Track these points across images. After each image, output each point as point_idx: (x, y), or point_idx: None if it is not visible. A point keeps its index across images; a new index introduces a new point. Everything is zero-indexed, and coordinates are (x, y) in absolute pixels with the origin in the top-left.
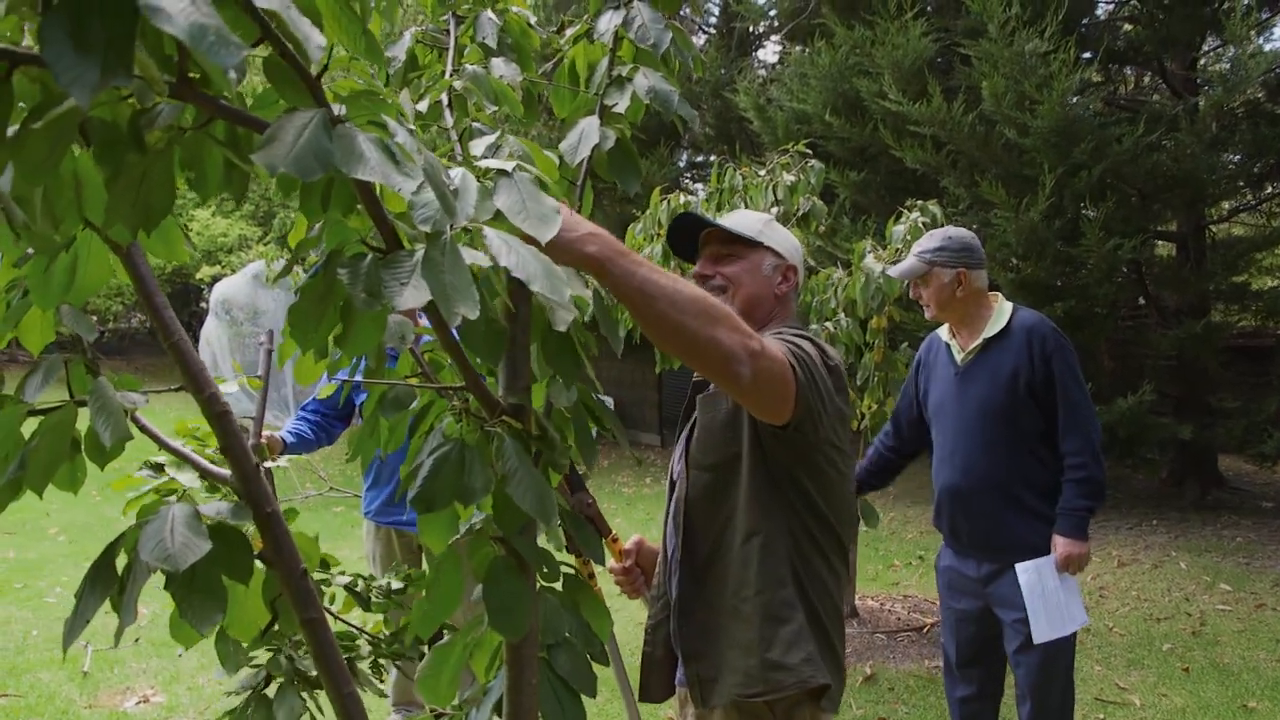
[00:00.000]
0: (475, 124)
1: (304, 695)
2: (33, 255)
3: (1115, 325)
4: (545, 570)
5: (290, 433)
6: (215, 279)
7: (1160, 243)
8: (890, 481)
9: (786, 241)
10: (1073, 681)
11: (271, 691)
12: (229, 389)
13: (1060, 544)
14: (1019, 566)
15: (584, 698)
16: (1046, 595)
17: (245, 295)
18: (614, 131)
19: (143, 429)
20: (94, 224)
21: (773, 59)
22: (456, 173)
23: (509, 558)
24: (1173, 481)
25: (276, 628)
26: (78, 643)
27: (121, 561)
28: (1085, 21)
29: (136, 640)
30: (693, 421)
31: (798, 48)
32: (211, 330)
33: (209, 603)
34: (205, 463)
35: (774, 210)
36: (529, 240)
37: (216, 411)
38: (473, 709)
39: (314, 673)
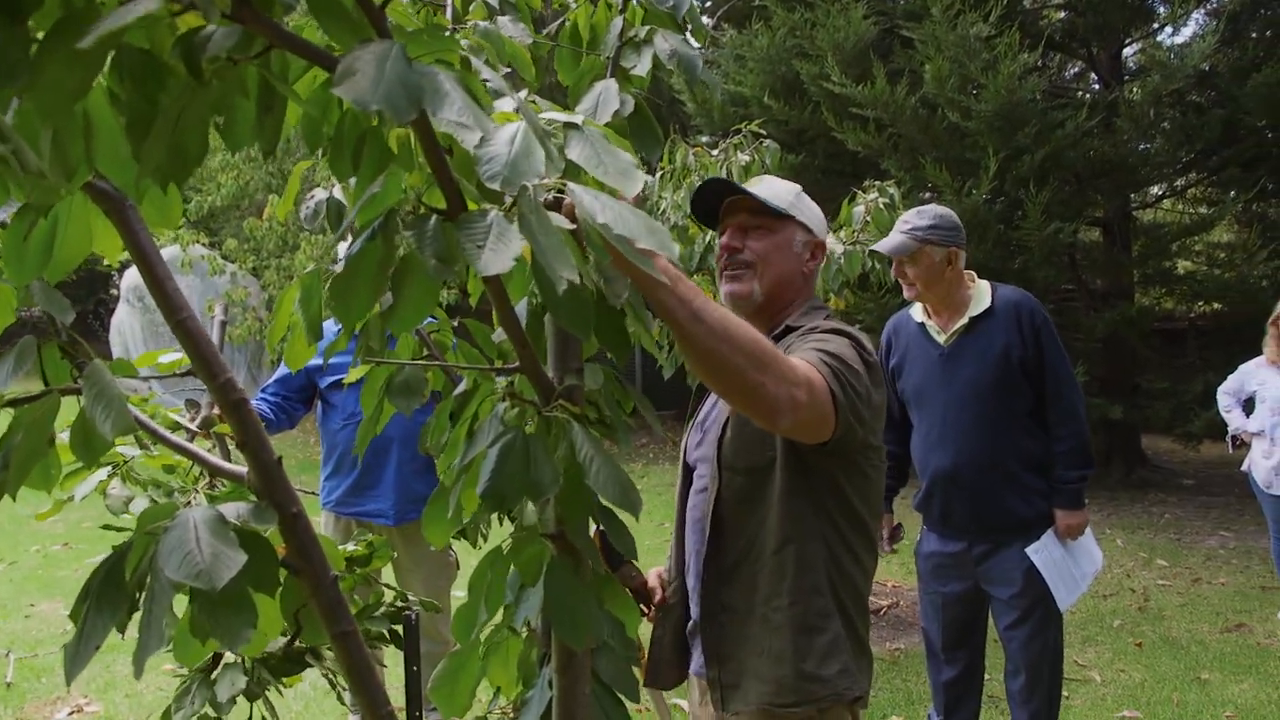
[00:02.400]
0: (488, 82)
1: (259, 674)
2: (6, 220)
3: (1047, 308)
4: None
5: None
6: (125, 265)
7: (1084, 228)
8: (906, 478)
9: (816, 215)
10: (1061, 654)
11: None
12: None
13: (1060, 517)
14: (1029, 551)
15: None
16: (1058, 566)
17: None
18: (631, 96)
19: (139, 422)
20: (104, 175)
21: (696, 44)
22: (511, 127)
23: (566, 558)
24: (1100, 460)
25: (299, 643)
26: None
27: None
28: (1022, 6)
29: (64, 647)
30: (710, 408)
31: (733, 30)
32: (124, 318)
33: (238, 618)
34: (216, 460)
35: None
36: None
37: (232, 400)
38: None
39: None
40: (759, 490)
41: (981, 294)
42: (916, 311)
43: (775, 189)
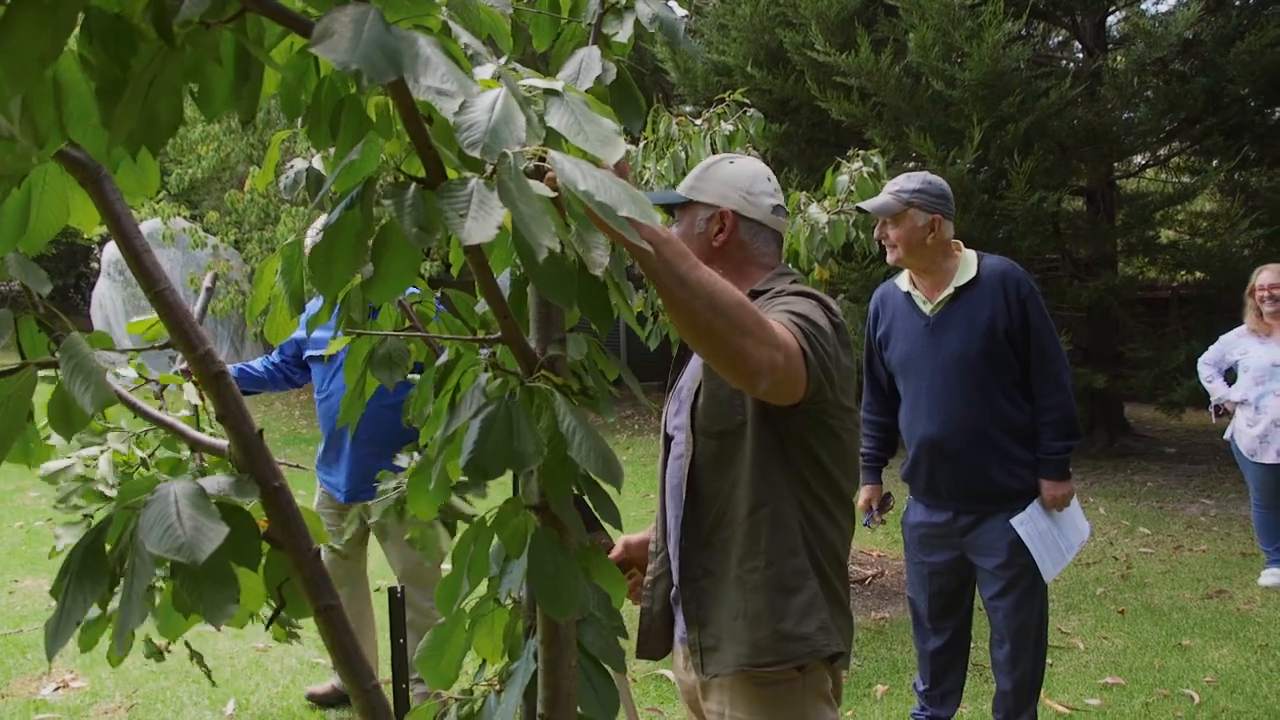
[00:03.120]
0: (468, 48)
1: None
2: None
3: (1031, 277)
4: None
5: (236, 367)
6: (106, 238)
7: (1068, 197)
8: (895, 449)
9: (722, 184)
10: (1046, 623)
11: None
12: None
13: (1046, 488)
14: (1014, 522)
15: None
16: (1043, 538)
17: None
18: (613, 64)
19: (118, 394)
20: (74, 145)
21: (683, 10)
22: (491, 93)
23: (550, 530)
24: (1082, 429)
25: (284, 614)
26: None
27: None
28: None
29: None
30: (688, 377)
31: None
32: (105, 292)
33: (221, 592)
34: (195, 432)
35: None
36: None
37: (212, 372)
38: (490, 694)
39: None
40: (731, 453)
41: (967, 263)
42: (903, 281)
43: (687, 180)
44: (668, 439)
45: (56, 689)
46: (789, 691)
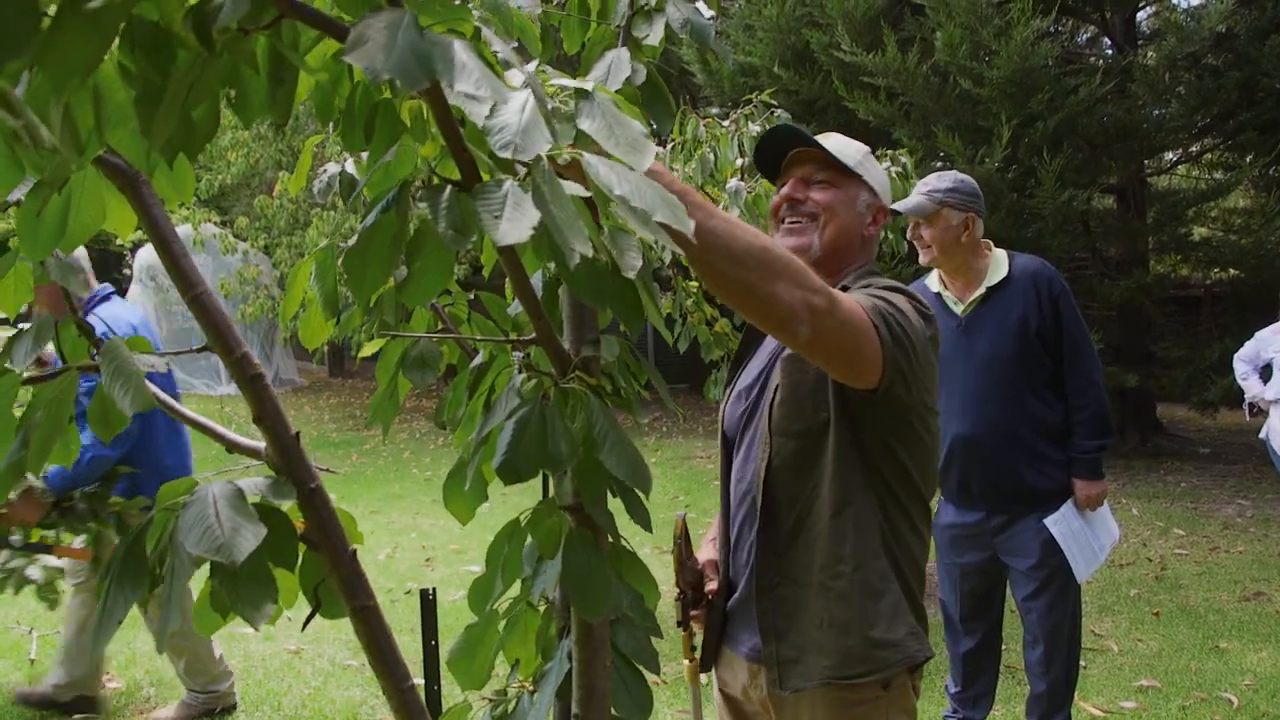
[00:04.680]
0: (499, 54)
1: None
2: (21, 198)
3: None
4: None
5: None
6: (138, 244)
7: (1098, 195)
8: None
9: (882, 179)
10: (1080, 624)
11: None
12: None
13: (1080, 487)
14: (1048, 522)
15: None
16: (1076, 538)
17: None
18: (643, 65)
19: (156, 397)
20: (112, 151)
21: (710, 11)
22: (520, 96)
23: (584, 531)
24: (1115, 429)
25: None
26: (19, 628)
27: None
28: None
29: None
30: (756, 376)
31: (741, 1)
32: (137, 298)
33: (259, 591)
34: (232, 434)
35: (740, 162)
36: None
37: (249, 375)
38: (524, 695)
39: None
40: (812, 455)
41: (999, 263)
42: (933, 281)
43: (843, 146)
44: (729, 441)
45: None
46: (874, 709)
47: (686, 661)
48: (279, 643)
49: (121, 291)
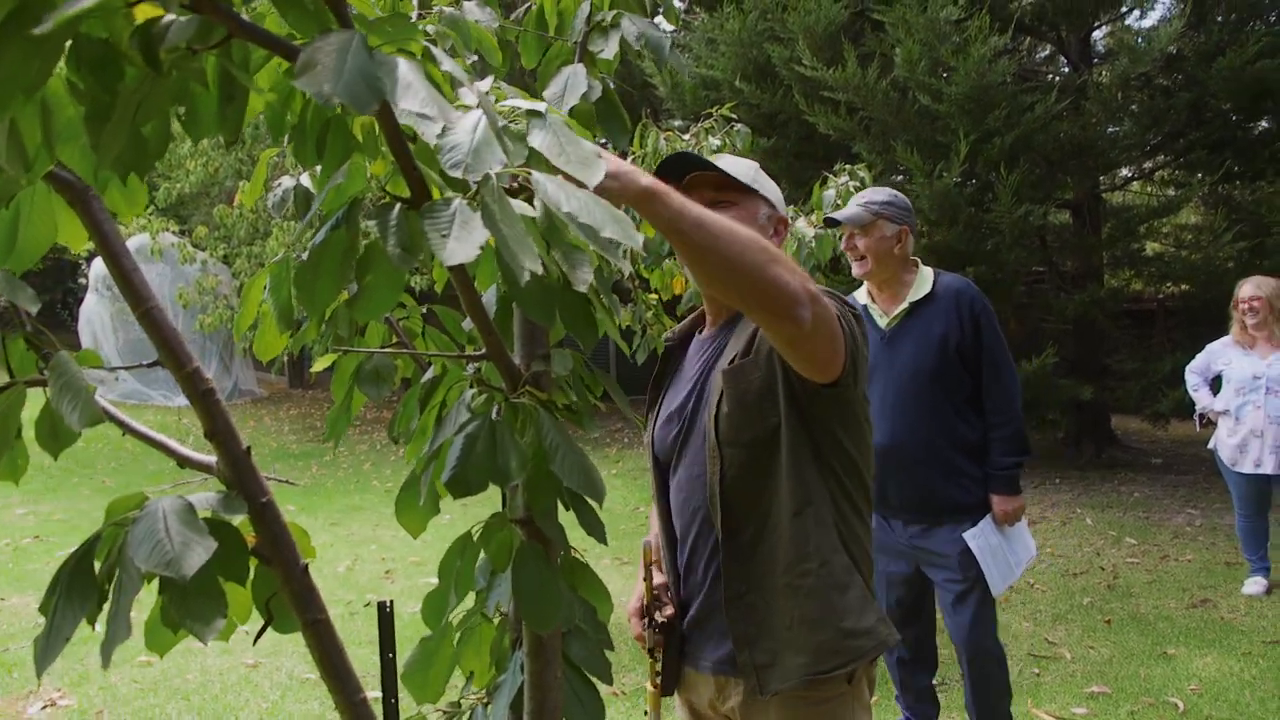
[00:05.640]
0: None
1: None
2: None
3: (1018, 290)
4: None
5: None
6: (94, 254)
7: (1054, 210)
8: None
9: (775, 191)
10: (996, 629)
11: None
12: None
13: (997, 503)
14: (966, 536)
15: None
16: (994, 552)
17: None
18: (599, 81)
19: (105, 412)
20: (63, 167)
21: (670, 26)
22: (472, 116)
23: (534, 543)
24: (1069, 441)
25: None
26: None
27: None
28: None
29: (36, 640)
30: (686, 396)
31: (704, 13)
32: (92, 308)
33: (209, 606)
34: (183, 449)
35: None
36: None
37: (200, 390)
38: (477, 707)
39: None
40: (766, 459)
41: (924, 279)
42: (862, 294)
43: (735, 165)
44: (663, 466)
45: (44, 707)
46: (839, 707)
47: (650, 688)
48: (236, 656)
49: (77, 301)
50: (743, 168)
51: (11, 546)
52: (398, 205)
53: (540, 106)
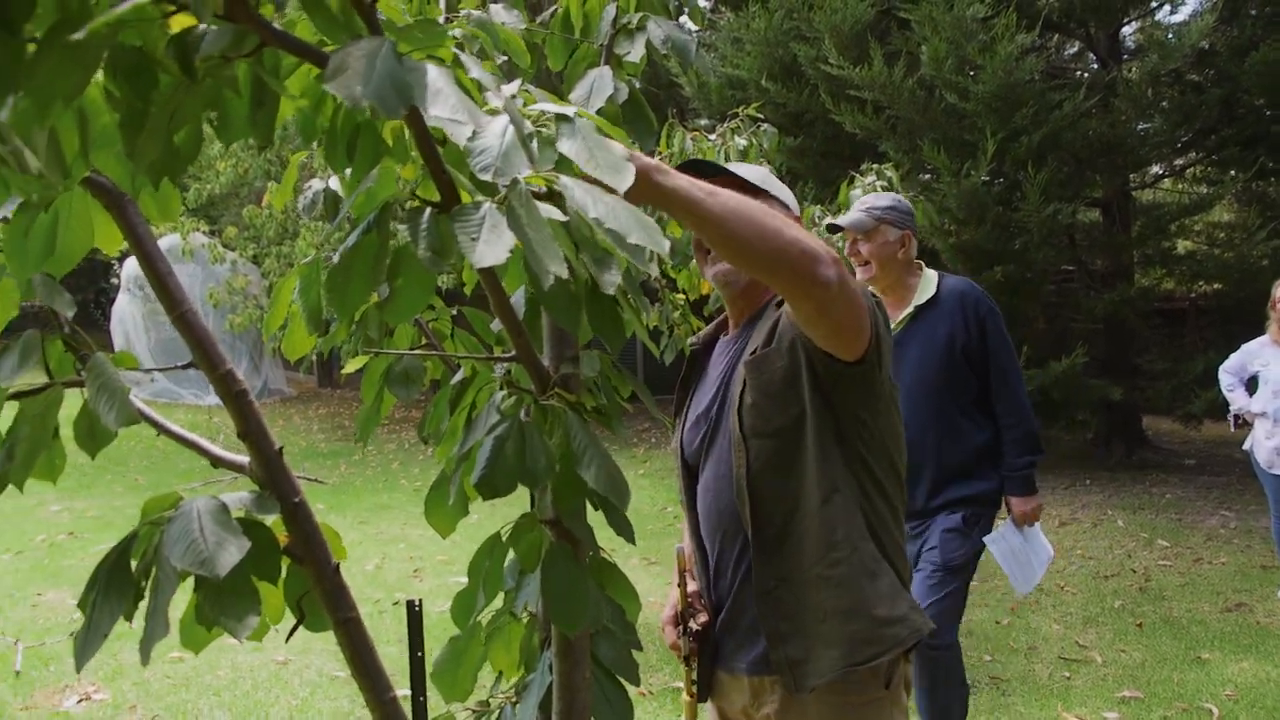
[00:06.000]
0: (477, 78)
1: None
2: (8, 216)
3: (1046, 289)
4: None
5: None
6: (126, 254)
7: (1083, 209)
8: None
9: (788, 194)
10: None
11: None
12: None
13: (1015, 504)
14: (987, 540)
15: None
16: (1016, 553)
17: None
18: (625, 83)
19: (140, 412)
20: (99, 173)
21: (696, 26)
22: (501, 120)
23: (564, 544)
24: (1099, 442)
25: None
26: (4, 639)
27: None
28: None
29: (72, 635)
30: (712, 397)
31: (730, 13)
32: (125, 308)
33: (243, 604)
34: (216, 449)
35: None
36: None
37: (233, 391)
38: (506, 706)
39: None
40: (791, 449)
41: (927, 283)
42: None
43: (745, 169)
44: (691, 469)
45: (79, 701)
46: (876, 712)
47: (686, 697)
48: (267, 654)
49: (110, 301)
50: (753, 172)
51: (47, 542)
52: (428, 209)
53: (570, 110)
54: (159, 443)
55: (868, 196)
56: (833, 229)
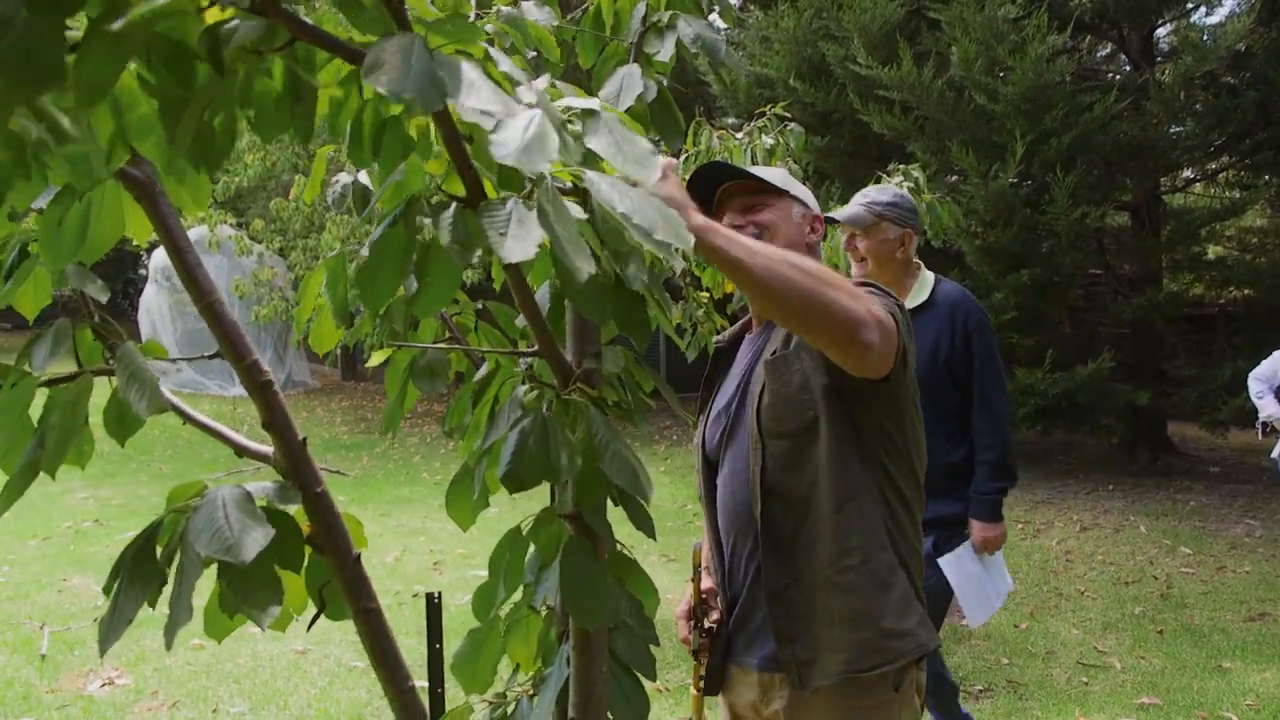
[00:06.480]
0: (507, 72)
1: None
2: (43, 207)
3: (1073, 293)
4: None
5: None
6: (154, 245)
7: (1112, 212)
8: None
9: (808, 193)
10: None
11: None
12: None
13: (976, 529)
14: (941, 561)
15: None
16: (971, 580)
17: None
18: (654, 82)
19: (168, 401)
20: (139, 160)
21: (724, 24)
22: (527, 113)
23: (582, 539)
24: (1124, 447)
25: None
26: (31, 624)
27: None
28: None
29: (96, 620)
30: (733, 393)
31: (759, 11)
32: (151, 299)
33: (266, 592)
34: (241, 438)
35: None
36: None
37: (259, 381)
38: (523, 698)
39: None
40: (805, 452)
41: (923, 285)
42: None
43: (766, 171)
44: (711, 464)
45: (103, 686)
46: (885, 712)
47: (693, 690)
48: (286, 643)
49: (137, 291)
50: (773, 173)
51: (73, 529)
52: (454, 204)
53: (595, 104)
54: (184, 432)
55: (869, 189)
56: (830, 222)
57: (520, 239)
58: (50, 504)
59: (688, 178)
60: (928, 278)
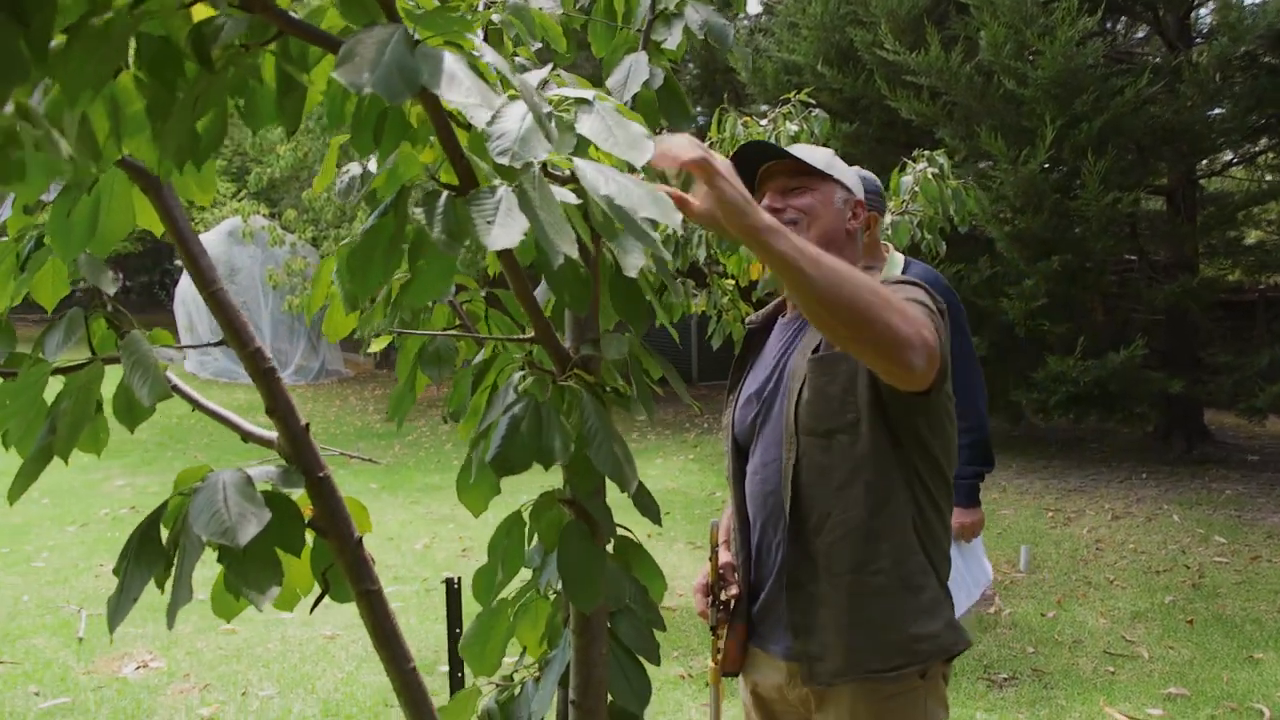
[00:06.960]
0: (519, 60)
1: None
2: (52, 200)
3: (1106, 279)
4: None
5: None
6: None
7: (1146, 197)
8: None
9: (852, 176)
10: None
11: None
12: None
13: (955, 515)
14: None
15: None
16: (953, 570)
17: (221, 253)
18: (661, 69)
19: (175, 388)
20: (132, 157)
21: (756, 9)
22: (520, 105)
23: (580, 523)
24: (1158, 435)
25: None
26: (69, 607)
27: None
28: None
29: (108, 600)
30: (766, 379)
31: None
32: (187, 290)
33: (265, 574)
34: (247, 424)
35: None
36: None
37: (262, 369)
38: (528, 681)
39: None
40: (842, 452)
41: (892, 266)
42: None
43: (810, 152)
44: (739, 446)
45: (137, 668)
46: (911, 702)
47: (711, 664)
48: (315, 628)
49: (174, 282)
50: (818, 154)
51: (110, 516)
52: (445, 193)
53: (589, 94)
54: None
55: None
56: (880, 210)
57: (506, 226)
58: (89, 491)
59: (730, 157)
60: (897, 259)
